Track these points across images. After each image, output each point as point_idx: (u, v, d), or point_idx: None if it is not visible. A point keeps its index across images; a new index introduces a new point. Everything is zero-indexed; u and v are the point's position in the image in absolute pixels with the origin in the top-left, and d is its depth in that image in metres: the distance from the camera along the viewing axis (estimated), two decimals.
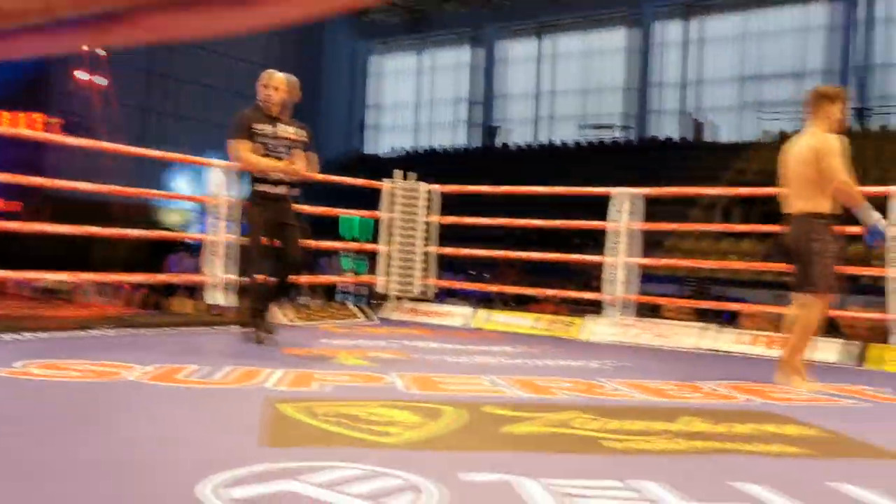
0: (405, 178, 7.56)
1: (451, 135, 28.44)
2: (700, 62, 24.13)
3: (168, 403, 3.04)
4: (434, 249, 7.48)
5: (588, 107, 26.13)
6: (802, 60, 22.33)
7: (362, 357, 4.52)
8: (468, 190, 7.74)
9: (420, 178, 7.64)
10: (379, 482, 2.02)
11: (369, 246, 7.90)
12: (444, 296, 9.96)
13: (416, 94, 29.24)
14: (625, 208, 6.63)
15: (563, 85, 26.46)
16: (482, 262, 13.49)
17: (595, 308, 6.92)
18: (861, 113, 19.36)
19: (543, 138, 26.52)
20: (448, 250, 7.59)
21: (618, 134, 25.08)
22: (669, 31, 24.61)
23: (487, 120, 27.49)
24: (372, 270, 7.72)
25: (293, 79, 5.02)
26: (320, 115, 23.98)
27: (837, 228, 4.30)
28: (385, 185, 7.45)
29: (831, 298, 4.30)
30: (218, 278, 6.00)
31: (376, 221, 7.64)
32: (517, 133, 27.14)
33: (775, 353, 5.23)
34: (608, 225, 6.64)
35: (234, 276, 5.90)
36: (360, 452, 2.31)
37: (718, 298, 11.36)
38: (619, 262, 6.56)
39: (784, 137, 23.05)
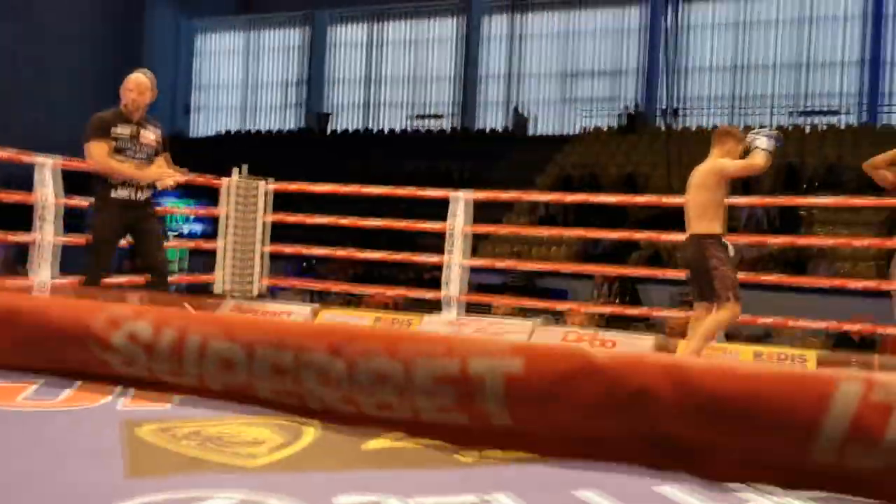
0: (240, 171, 7.47)
1: (281, 118, 27.95)
2: (524, 57, 25.15)
3: (15, 431, 2.93)
4: (269, 249, 7.47)
5: (417, 95, 26.54)
6: (618, 60, 23.84)
7: None
8: (305, 189, 7.76)
9: (248, 164, 7.58)
10: None
11: (207, 244, 7.75)
12: (277, 289, 9.92)
13: (244, 76, 28.44)
14: (460, 210, 6.93)
15: (394, 72, 26.69)
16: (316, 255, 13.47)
17: (432, 304, 7.20)
18: (667, 113, 20.97)
19: (373, 125, 26.65)
20: (288, 249, 7.60)
21: (445, 124, 25.67)
22: (496, 25, 25.44)
23: (317, 105, 27.22)
24: (208, 268, 7.61)
25: (151, 75, 4.89)
26: None
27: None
28: (223, 181, 7.35)
29: (738, 303, 4.89)
30: (45, 284, 5.70)
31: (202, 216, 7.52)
32: (346, 119, 27.10)
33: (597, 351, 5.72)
34: (446, 226, 6.93)
35: (62, 281, 5.63)
36: (230, 478, 2.38)
37: (544, 290, 12.10)
38: (455, 263, 6.86)
39: (599, 132, 24.36)
